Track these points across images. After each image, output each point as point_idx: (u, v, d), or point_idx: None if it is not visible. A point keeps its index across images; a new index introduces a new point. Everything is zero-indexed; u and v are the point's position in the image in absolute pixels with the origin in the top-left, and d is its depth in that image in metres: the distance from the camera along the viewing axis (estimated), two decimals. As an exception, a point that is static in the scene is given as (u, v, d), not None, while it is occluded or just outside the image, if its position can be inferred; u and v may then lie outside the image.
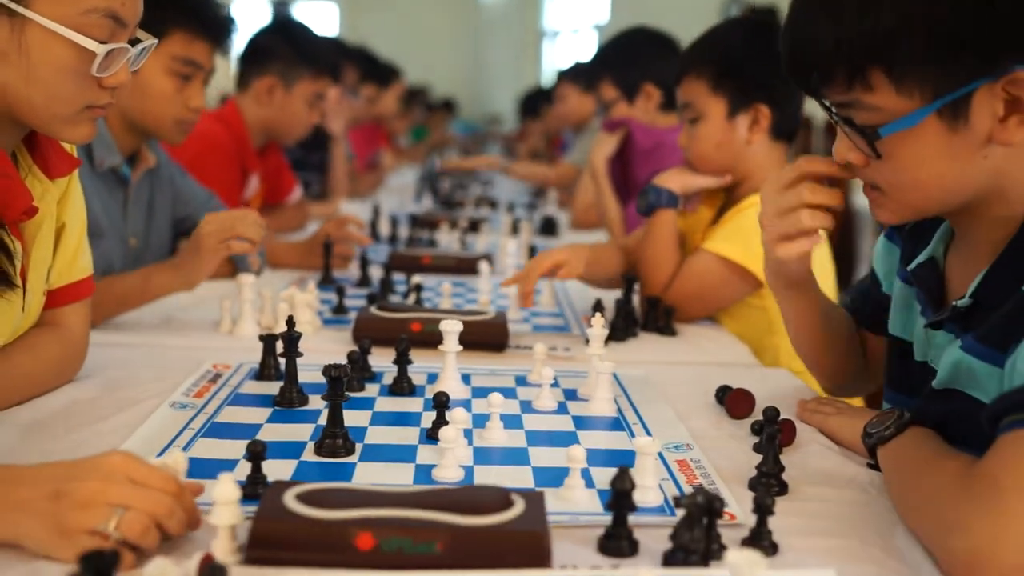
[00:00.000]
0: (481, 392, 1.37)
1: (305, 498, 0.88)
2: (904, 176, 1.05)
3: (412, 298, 1.92)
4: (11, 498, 0.87)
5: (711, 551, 0.88)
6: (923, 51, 0.98)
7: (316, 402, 1.32)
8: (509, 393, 1.39)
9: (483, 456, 1.16)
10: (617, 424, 1.30)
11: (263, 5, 11.23)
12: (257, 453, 1.01)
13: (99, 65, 1.15)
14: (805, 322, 1.38)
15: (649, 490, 1.03)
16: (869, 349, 1.44)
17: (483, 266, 2.11)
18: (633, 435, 1.25)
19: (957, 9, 0.97)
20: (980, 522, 0.83)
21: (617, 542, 0.92)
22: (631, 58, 2.89)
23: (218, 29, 2.02)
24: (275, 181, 2.97)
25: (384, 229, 3.00)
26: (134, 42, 1.22)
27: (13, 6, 1.10)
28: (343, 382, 1.15)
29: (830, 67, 1.04)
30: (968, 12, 0.97)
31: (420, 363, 1.45)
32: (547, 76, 9.09)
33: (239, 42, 2.67)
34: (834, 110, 1.07)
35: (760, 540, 0.92)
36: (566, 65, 5.62)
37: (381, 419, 1.29)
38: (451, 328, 1.38)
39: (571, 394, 1.41)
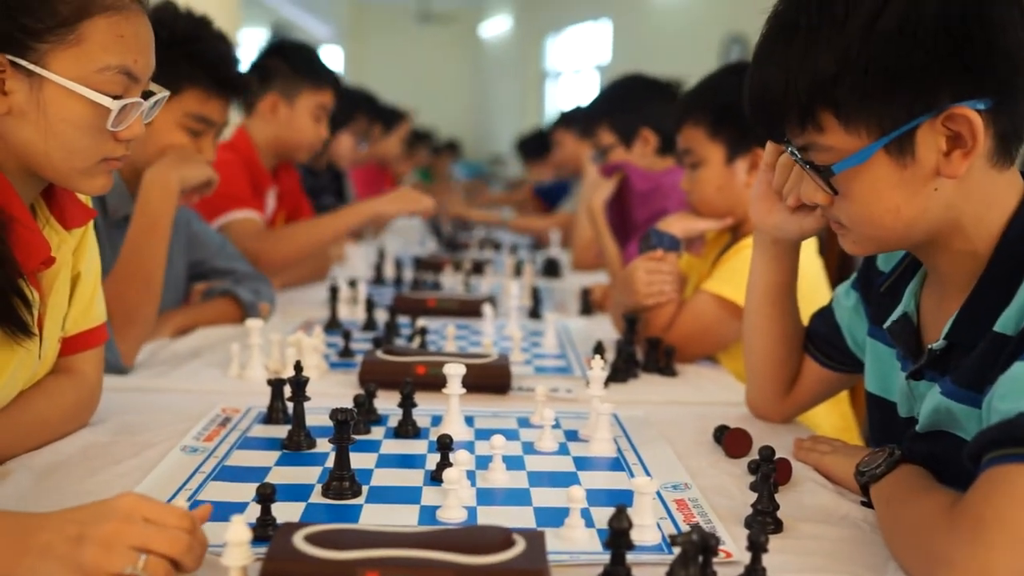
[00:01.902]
0: (484, 434, 1.40)
1: (314, 539, 0.91)
2: (862, 211, 1.10)
3: (417, 341, 1.95)
4: (32, 543, 0.89)
5: (706, 588, 0.91)
6: (863, 91, 1.03)
7: (323, 445, 1.35)
8: (511, 435, 1.42)
9: (486, 497, 1.19)
10: (617, 464, 1.33)
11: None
12: (266, 496, 1.04)
13: (114, 120, 1.20)
14: (773, 281, 1.46)
15: (647, 529, 1.06)
16: (801, 374, 1.50)
17: (487, 309, 2.14)
18: (632, 475, 1.27)
19: (889, 51, 1.01)
20: (965, 556, 0.86)
21: (615, 580, 0.94)
22: (629, 104, 2.94)
23: (234, 86, 2.07)
24: (292, 209, 3.01)
25: (389, 272, 3.04)
26: (147, 95, 1.27)
27: (32, 67, 1.15)
28: (349, 425, 1.18)
29: (783, 112, 1.10)
30: (900, 53, 1.01)
31: (424, 406, 1.49)
32: (550, 116, 9.20)
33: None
34: (797, 154, 1.13)
35: (754, 577, 0.95)
36: (564, 110, 5.71)
37: (387, 461, 1.32)
38: (455, 371, 1.41)
39: (572, 435, 1.44)
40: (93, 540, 0.88)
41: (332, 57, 13.34)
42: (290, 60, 2.84)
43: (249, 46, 10.70)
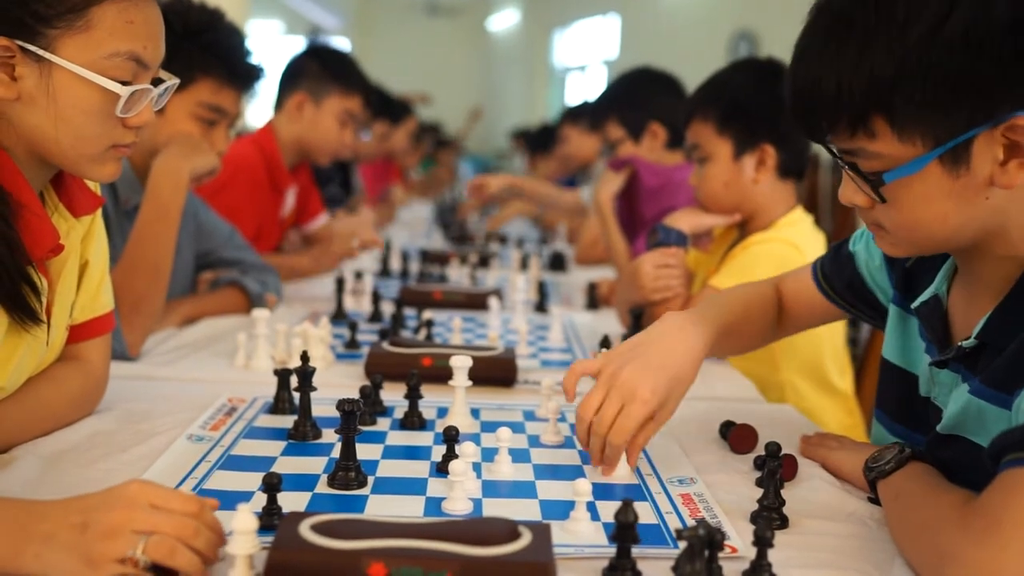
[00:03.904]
0: (490, 426, 1.41)
1: (320, 529, 0.91)
2: (908, 217, 1.07)
3: (423, 333, 1.95)
4: (37, 532, 0.89)
5: (712, 583, 0.91)
6: (921, 100, 0.99)
7: (329, 435, 1.35)
8: (517, 427, 1.42)
9: (491, 489, 1.19)
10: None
11: (282, 42, 11.45)
12: (273, 485, 1.05)
13: (123, 106, 1.20)
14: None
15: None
16: (801, 304, 1.50)
17: (493, 302, 2.14)
18: (638, 470, 1.27)
19: (951, 56, 0.97)
20: (978, 555, 0.86)
21: (621, 573, 0.94)
22: (637, 98, 2.93)
23: (247, 77, 2.07)
24: (303, 203, 3.01)
25: (395, 264, 3.04)
26: (157, 82, 1.27)
27: (41, 52, 1.15)
28: (356, 416, 1.18)
29: (834, 114, 1.04)
30: (963, 59, 0.97)
31: (430, 398, 1.49)
32: (556, 111, 9.20)
33: (277, 70, 2.81)
34: (840, 156, 1.08)
35: (760, 572, 0.94)
36: (570, 104, 5.70)
37: (392, 452, 1.32)
38: (461, 364, 1.41)
39: (578, 429, 1.44)
40: (97, 528, 0.88)
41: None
42: (323, 61, 2.85)
43: (259, 37, 10.73)
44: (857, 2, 1.02)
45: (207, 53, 1.97)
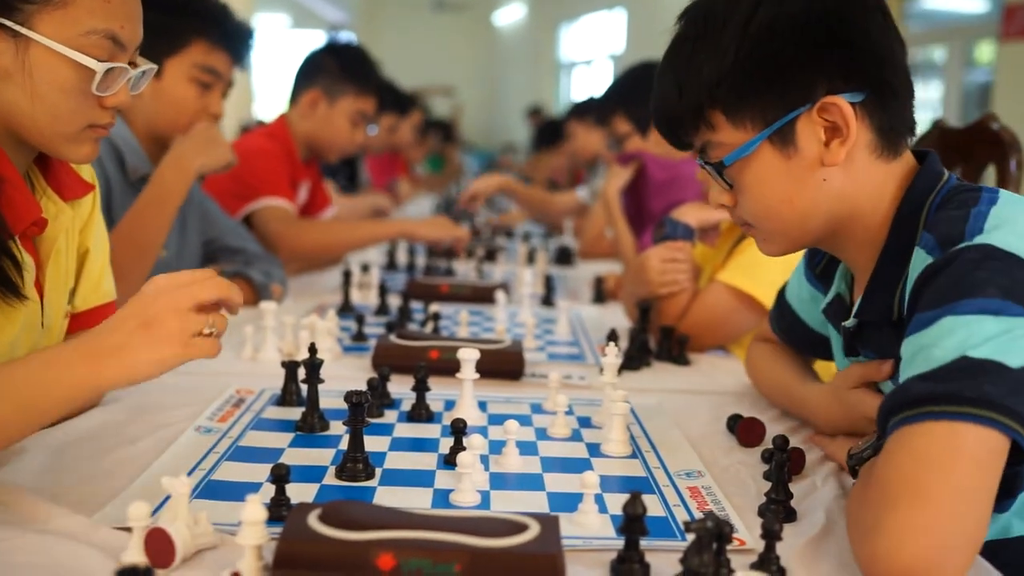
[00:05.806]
0: (497, 419, 1.41)
1: (328, 518, 0.91)
2: (757, 203, 1.17)
3: (430, 326, 1.95)
4: (103, 348, 1.02)
5: (720, 575, 0.90)
6: (742, 88, 1.12)
7: (337, 427, 1.35)
8: (525, 420, 1.42)
9: (499, 481, 1.19)
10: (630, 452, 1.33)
11: (289, 36, 11.44)
12: (281, 476, 1.05)
13: (99, 84, 1.19)
14: None
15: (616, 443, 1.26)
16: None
17: (499, 295, 2.14)
18: (646, 463, 1.27)
19: (761, 49, 1.10)
20: (879, 525, 0.88)
21: (629, 565, 0.94)
22: (644, 92, 2.91)
23: (237, 40, 2.13)
24: (311, 195, 3.02)
25: (402, 258, 3.04)
26: (135, 66, 1.27)
27: (17, 28, 1.14)
28: (363, 408, 1.19)
29: (680, 116, 1.18)
30: (771, 51, 1.10)
31: (438, 390, 1.49)
32: (562, 106, 9.18)
33: (293, 64, 2.88)
34: (700, 161, 1.20)
35: (768, 565, 0.94)
36: (576, 100, 5.70)
37: (400, 444, 1.32)
38: (468, 356, 1.41)
39: (585, 421, 1.44)
40: (159, 317, 1.01)
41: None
42: (341, 60, 2.87)
43: (265, 30, 10.74)
44: (691, 20, 1.18)
45: (199, 16, 2.04)
